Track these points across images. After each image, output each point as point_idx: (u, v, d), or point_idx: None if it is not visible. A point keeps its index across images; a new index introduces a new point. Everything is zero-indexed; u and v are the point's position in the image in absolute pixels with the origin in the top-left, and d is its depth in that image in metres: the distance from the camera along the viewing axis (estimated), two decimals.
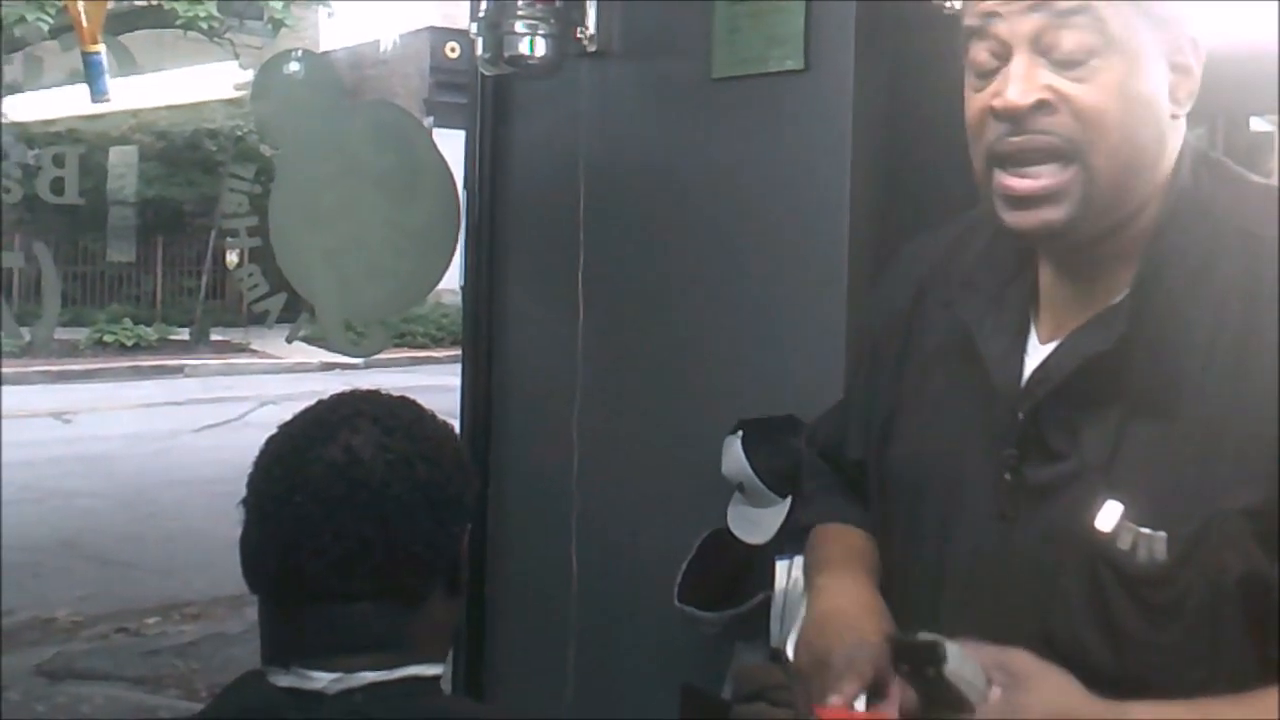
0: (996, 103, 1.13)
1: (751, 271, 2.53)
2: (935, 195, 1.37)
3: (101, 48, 3.36)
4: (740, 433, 2.37)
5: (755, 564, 2.35)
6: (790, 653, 1.39)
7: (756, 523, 2.34)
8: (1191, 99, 1.17)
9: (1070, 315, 1.20)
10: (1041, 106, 1.12)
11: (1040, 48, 1.12)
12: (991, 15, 1.14)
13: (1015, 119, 1.13)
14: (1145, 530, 1.10)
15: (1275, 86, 2.67)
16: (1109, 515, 1.11)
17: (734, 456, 2.36)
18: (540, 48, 2.68)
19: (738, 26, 2.52)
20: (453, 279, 3.37)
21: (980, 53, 1.16)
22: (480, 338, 3.09)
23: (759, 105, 2.52)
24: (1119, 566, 1.11)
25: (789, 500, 2.27)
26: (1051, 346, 1.20)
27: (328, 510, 1.15)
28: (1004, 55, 1.14)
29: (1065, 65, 1.12)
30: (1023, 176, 1.14)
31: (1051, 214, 1.14)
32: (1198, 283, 1.14)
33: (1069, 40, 1.11)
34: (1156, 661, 1.11)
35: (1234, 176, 1.22)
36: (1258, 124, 3.96)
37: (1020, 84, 1.12)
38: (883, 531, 1.35)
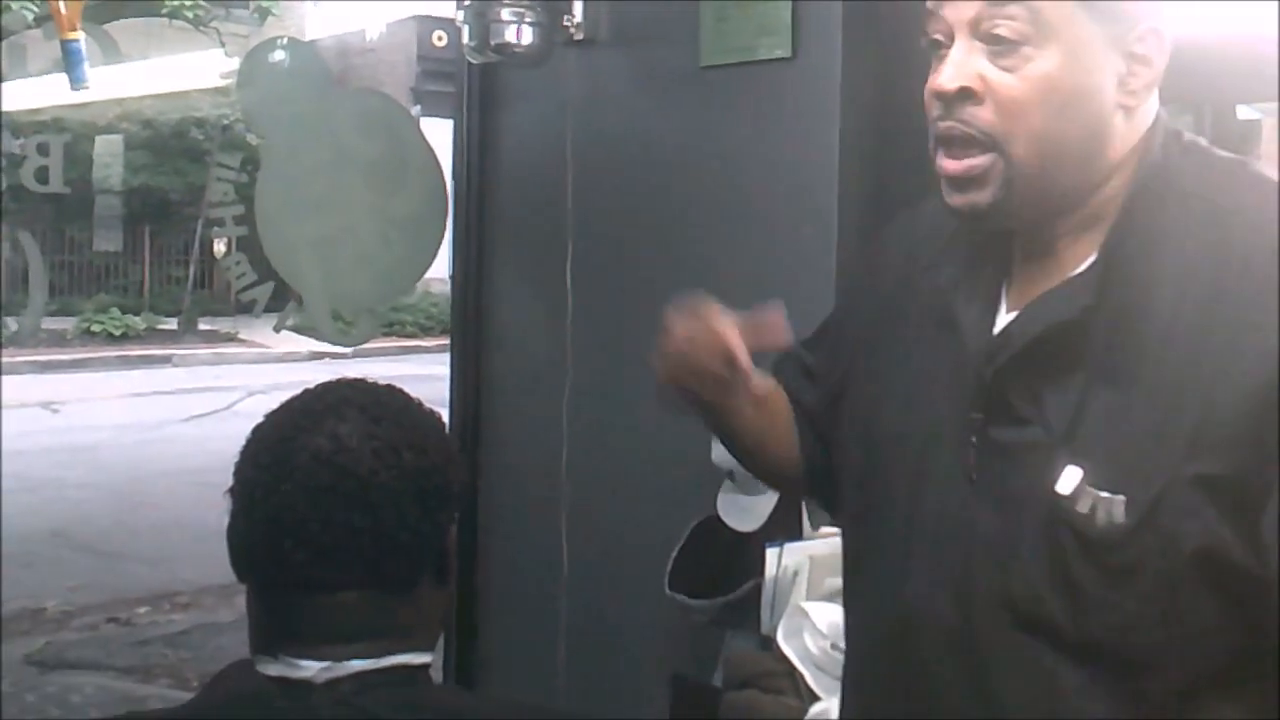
0: (932, 83, 1.19)
1: (740, 259, 2.53)
2: (923, 183, 1.38)
3: (80, 35, 3.34)
4: None
5: (745, 551, 2.36)
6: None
7: (747, 510, 2.35)
8: (1150, 89, 1.20)
9: (1035, 285, 1.23)
10: (965, 94, 1.17)
11: (978, 34, 1.17)
12: (936, 5, 1.20)
13: (945, 102, 1.19)
14: (1104, 494, 1.12)
15: (1262, 75, 2.68)
16: (1069, 479, 1.14)
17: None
18: (527, 36, 2.68)
19: (725, 15, 2.52)
20: (441, 268, 3.37)
21: (935, 34, 1.21)
22: (469, 327, 3.08)
23: (747, 94, 2.51)
24: (1078, 529, 1.13)
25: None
26: (1015, 314, 1.23)
27: (314, 499, 1.15)
28: (950, 38, 1.19)
29: (997, 53, 1.16)
30: (953, 158, 1.19)
31: (978, 197, 1.19)
32: (1163, 254, 1.16)
33: (1002, 28, 1.16)
34: (1114, 623, 1.13)
35: (1202, 152, 1.24)
36: (1245, 112, 3.97)
37: (952, 69, 1.18)
38: (858, 497, 1.37)
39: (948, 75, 1.17)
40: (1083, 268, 1.20)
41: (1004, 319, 1.24)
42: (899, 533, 1.27)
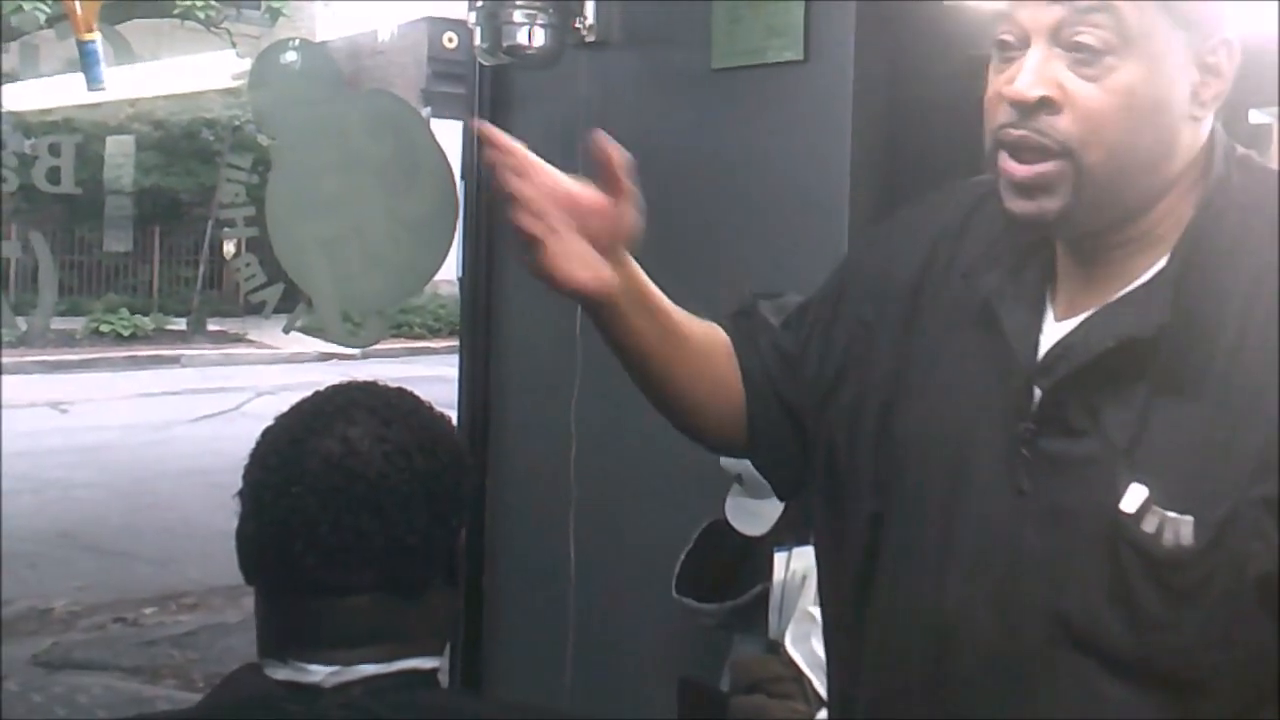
0: (1007, 90, 1.15)
1: (750, 262, 2.53)
2: (935, 183, 1.37)
3: (97, 36, 3.34)
4: None
5: (753, 555, 2.35)
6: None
7: (755, 514, 2.34)
8: (1219, 100, 1.18)
9: (1085, 295, 1.20)
10: (1046, 104, 1.13)
11: (1059, 40, 1.14)
12: (1014, 9, 1.16)
13: (1021, 110, 1.14)
14: (1171, 514, 1.10)
15: (1274, 79, 2.67)
16: (1134, 497, 1.11)
17: None
18: (539, 38, 2.67)
19: (737, 17, 2.51)
20: (450, 269, 3.36)
21: (1005, 36, 1.17)
22: (478, 328, 3.08)
23: (759, 96, 2.51)
24: (1143, 549, 1.10)
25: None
26: (1069, 324, 1.20)
27: (324, 502, 1.14)
28: (1024, 42, 1.16)
29: (1080, 61, 1.13)
30: (1024, 164, 1.15)
31: (1048, 203, 1.15)
32: (1229, 270, 1.14)
33: (1087, 36, 1.12)
34: (1173, 644, 1.11)
35: (1255, 164, 1.23)
36: (1257, 116, 3.96)
37: (1031, 75, 1.14)
38: (878, 499, 1.31)
39: (1026, 82, 1.13)
40: (1140, 281, 1.17)
41: (1053, 328, 1.21)
42: (934, 541, 1.24)
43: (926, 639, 1.23)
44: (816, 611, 2.11)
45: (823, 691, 2.03)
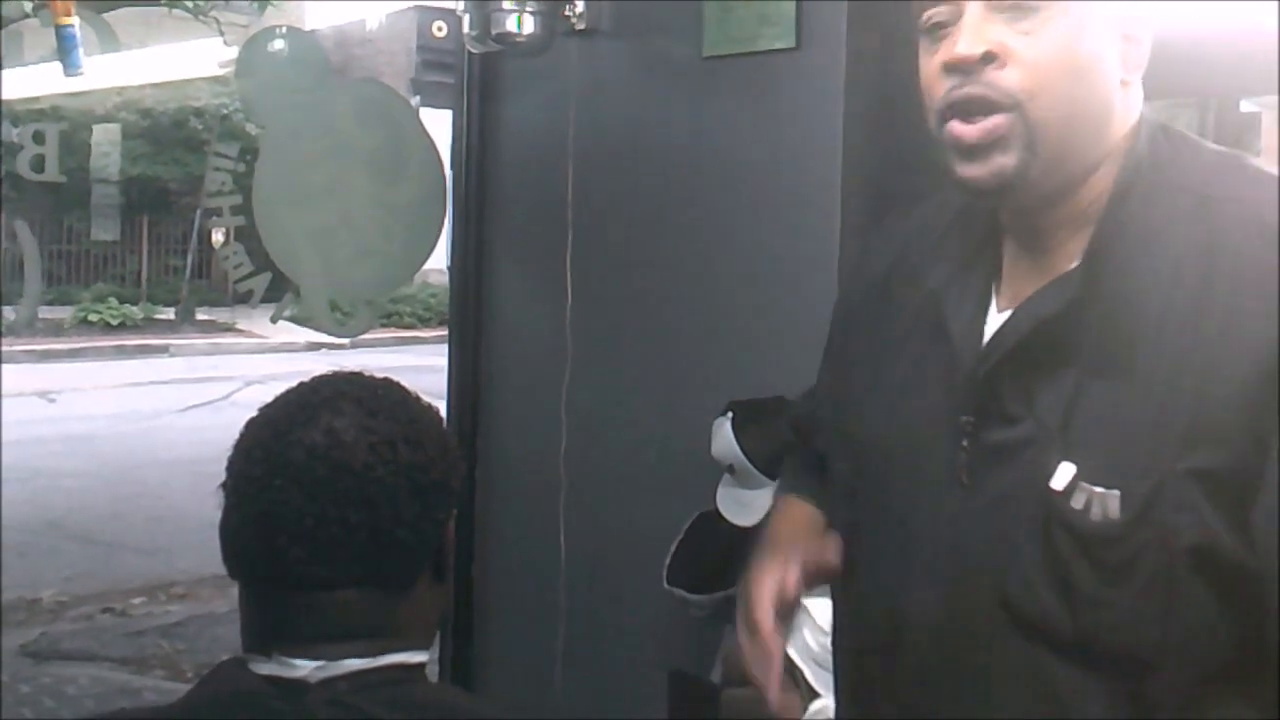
0: (948, 56, 1.17)
1: (742, 252, 2.51)
2: (927, 172, 1.36)
3: (75, 20, 3.31)
4: (730, 414, 2.36)
5: (745, 546, 2.33)
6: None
7: (746, 504, 2.33)
8: (1141, 68, 1.21)
9: (1027, 284, 1.22)
10: (989, 58, 1.15)
11: (993, 3, 1.16)
12: None
13: (965, 70, 1.16)
14: (1098, 489, 1.11)
15: (1265, 69, 2.66)
16: (1063, 475, 1.12)
17: (724, 438, 2.34)
18: (528, 25, 2.66)
19: (729, 4, 2.50)
20: (440, 258, 3.34)
21: (935, 16, 1.19)
22: (468, 318, 3.07)
23: (750, 84, 2.49)
24: (1073, 525, 1.12)
25: (778, 481, 2.26)
26: (1008, 313, 1.22)
27: (309, 494, 1.12)
28: (955, 15, 1.17)
29: (1016, 17, 1.15)
30: (970, 123, 1.16)
31: (1003, 160, 1.16)
32: (1153, 246, 1.15)
33: None
34: (1111, 621, 1.12)
35: (1191, 144, 1.24)
36: (1247, 106, 3.96)
37: (970, 35, 1.16)
38: (852, 506, 1.35)
39: (967, 41, 1.15)
40: (1074, 264, 1.19)
41: (995, 319, 1.23)
42: (894, 541, 1.26)
43: (886, 634, 1.26)
44: (808, 602, 2.10)
45: (815, 683, 2.03)
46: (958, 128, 1.17)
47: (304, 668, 1.13)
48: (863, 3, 2.36)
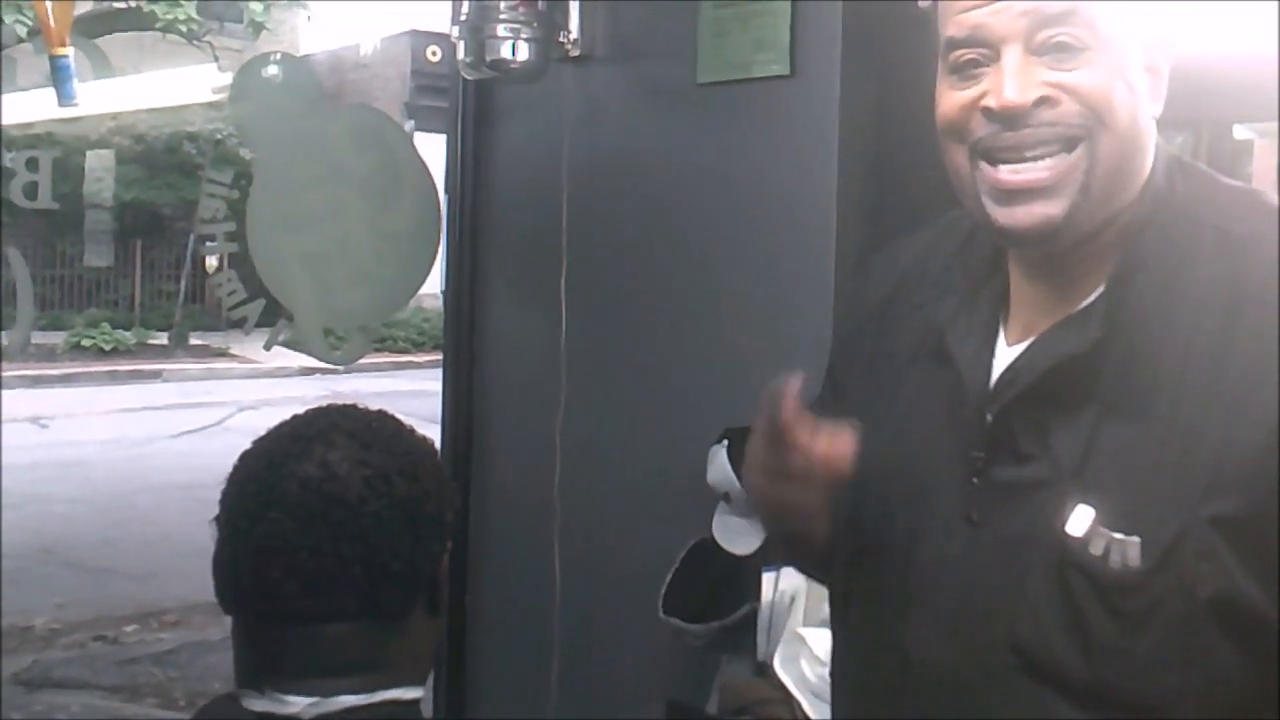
0: (991, 102, 1.12)
1: (737, 278, 2.51)
2: (923, 199, 1.35)
3: (70, 50, 3.30)
4: (726, 441, 2.34)
5: (741, 575, 2.33)
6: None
7: (742, 533, 2.31)
8: (1162, 99, 1.17)
9: (1039, 317, 1.19)
10: (1043, 103, 1.11)
11: (1033, 47, 1.12)
12: (978, 26, 1.13)
13: (1013, 117, 1.11)
14: (1118, 535, 1.08)
15: (1258, 94, 2.67)
16: (1080, 519, 1.09)
17: (719, 466, 2.33)
18: (522, 52, 2.65)
19: (723, 31, 2.50)
20: (434, 283, 3.33)
21: (964, 55, 1.15)
22: (461, 343, 3.06)
23: (745, 111, 2.49)
24: (1091, 572, 1.09)
25: None
26: (1020, 348, 1.19)
27: (303, 527, 1.11)
28: (991, 56, 1.13)
29: (1060, 59, 1.11)
30: (1019, 171, 1.12)
31: (1048, 208, 1.12)
32: (1174, 284, 1.12)
33: (1064, 37, 1.11)
34: (1127, 669, 1.09)
35: (1206, 178, 1.21)
36: (1240, 132, 3.98)
37: (1016, 81, 1.11)
38: (852, 536, 1.31)
39: (1015, 88, 1.10)
40: (1091, 299, 1.16)
41: (1005, 353, 1.20)
42: (897, 575, 1.23)
43: (890, 673, 1.23)
44: (805, 633, 2.10)
45: (811, 713, 2.01)
46: (998, 174, 1.13)
47: (297, 704, 1.12)
48: (858, 31, 2.36)
